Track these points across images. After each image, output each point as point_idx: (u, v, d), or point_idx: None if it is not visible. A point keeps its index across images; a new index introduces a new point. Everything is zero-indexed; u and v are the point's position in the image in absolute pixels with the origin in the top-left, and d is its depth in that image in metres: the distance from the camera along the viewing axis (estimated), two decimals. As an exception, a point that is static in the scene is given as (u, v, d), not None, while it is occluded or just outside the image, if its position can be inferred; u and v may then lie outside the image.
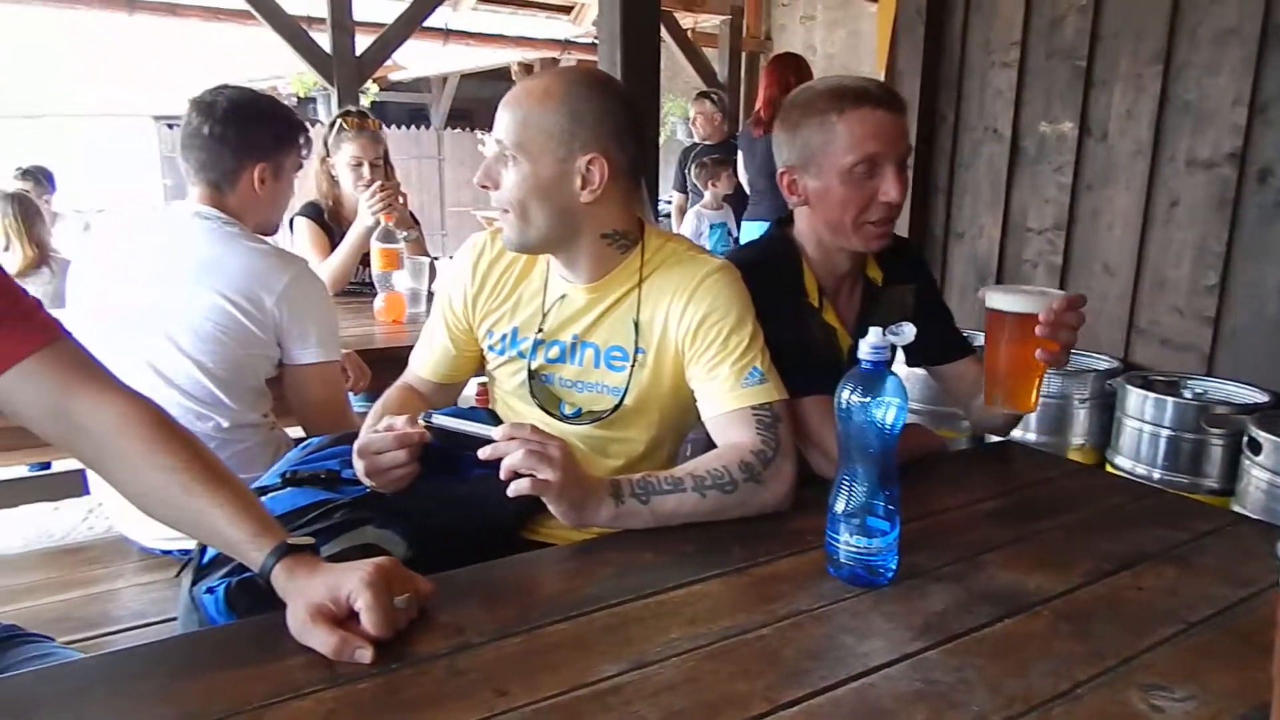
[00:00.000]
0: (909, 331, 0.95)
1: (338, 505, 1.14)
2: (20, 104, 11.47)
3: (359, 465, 1.10)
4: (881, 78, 3.60)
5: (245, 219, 1.58)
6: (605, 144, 1.14)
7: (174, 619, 1.19)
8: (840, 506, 0.94)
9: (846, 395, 0.91)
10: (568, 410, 1.27)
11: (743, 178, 4.33)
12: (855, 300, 1.42)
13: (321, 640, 0.78)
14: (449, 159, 12.34)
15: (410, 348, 1.42)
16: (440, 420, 1.07)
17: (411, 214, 2.92)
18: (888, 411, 0.90)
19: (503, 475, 0.98)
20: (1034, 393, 1.20)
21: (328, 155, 2.80)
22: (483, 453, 0.99)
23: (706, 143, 5.05)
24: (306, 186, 2.74)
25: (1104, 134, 2.88)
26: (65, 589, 1.49)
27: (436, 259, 2.72)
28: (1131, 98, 2.79)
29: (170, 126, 12.42)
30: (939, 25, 3.31)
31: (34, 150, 10.98)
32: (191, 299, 1.46)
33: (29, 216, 3.42)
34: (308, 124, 1.75)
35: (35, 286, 3.44)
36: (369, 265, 2.70)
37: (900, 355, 1.46)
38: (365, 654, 0.77)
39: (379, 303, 2.47)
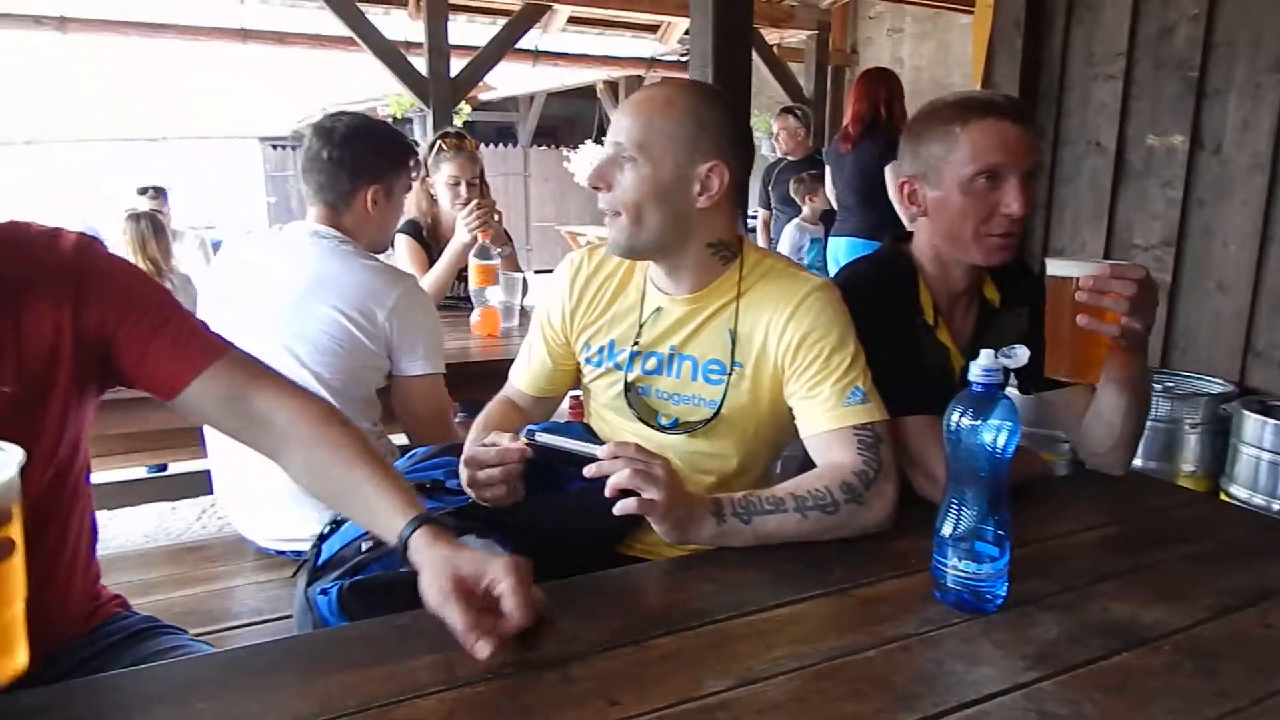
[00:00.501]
0: (1022, 355, 0.93)
1: (443, 514, 1.18)
2: (142, 128, 12.25)
3: (464, 475, 1.13)
4: (976, 91, 3.52)
5: (358, 237, 1.66)
6: (725, 153, 1.17)
7: (288, 616, 1.26)
8: (948, 530, 0.93)
9: (956, 418, 0.90)
10: (664, 421, 1.28)
11: (830, 193, 4.30)
12: (970, 320, 1.40)
13: (457, 615, 0.78)
14: (534, 175, 12.63)
15: (504, 361, 1.47)
16: (544, 439, 1.09)
17: (505, 231, 3.00)
18: (998, 435, 0.89)
19: (608, 494, 1.00)
20: (1095, 367, 1.18)
21: (427, 175, 2.91)
22: (589, 470, 1.01)
23: (790, 158, 5.03)
24: (406, 205, 2.86)
25: (1218, 147, 2.75)
26: (189, 585, 1.59)
27: (526, 276, 2.79)
28: (1248, 108, 2.66)
29: (275, 147, 13.11)
30: (1037, 38, 3.22)
31: (156, 170, 11.76)
32: (309, 313, 1.55)
33: (157, 234, 3.67)
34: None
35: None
36: (465, 280, 2.79)
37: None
38: (486, 648, 0.77)
39: (475, 317, 2.55)
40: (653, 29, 7.06)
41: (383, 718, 0.73)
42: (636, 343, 1.28)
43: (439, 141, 2.90)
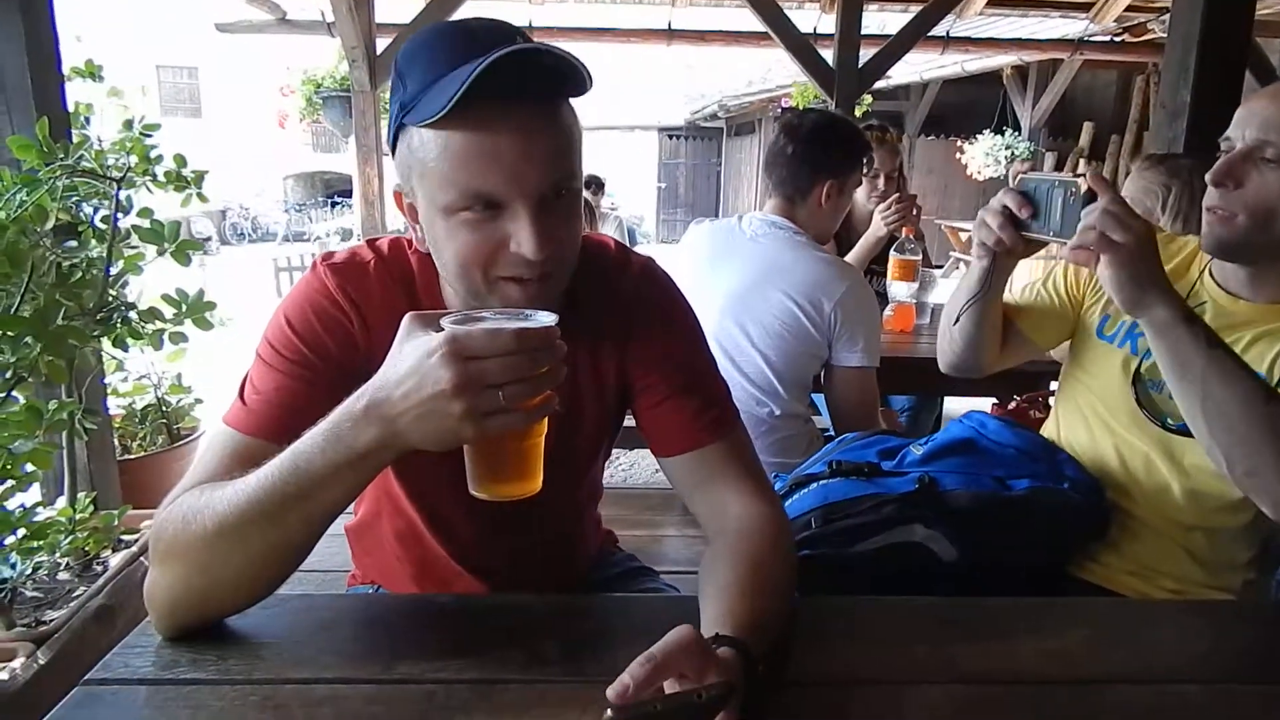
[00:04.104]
0: None
1: (888, 500, 1.20)
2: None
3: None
4: None
5: (809, 229, 1.74)
6: None
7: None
8: None
9: None
10: (1172, 424, 1.17)
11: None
12: None
13: (641, 668, 0.64)
14: (918, 167, 12.11)
15: (915, 359, 1.42)
16: (1033, 175, 1.07)
17: (920, 228, 2.93)
18: None
19: (1076, 235, 0.97)
20: None
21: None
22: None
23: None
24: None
25: None
26: (635, 527, 1.81)
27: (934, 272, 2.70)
28: None
29: (670, 137, 14.21)
30: None
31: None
32: (764, 297, 1.67)
33: (589, 214, 4.21)
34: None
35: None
36: (872, 275, 2.78)
37: None
38: (614, 694, 0.63)
39: (889, 311, 2.54)
40: (1084, 7, 6.35)
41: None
42: None
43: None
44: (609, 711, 0.61)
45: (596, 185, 5.39)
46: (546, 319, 0.72)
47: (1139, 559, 1.21)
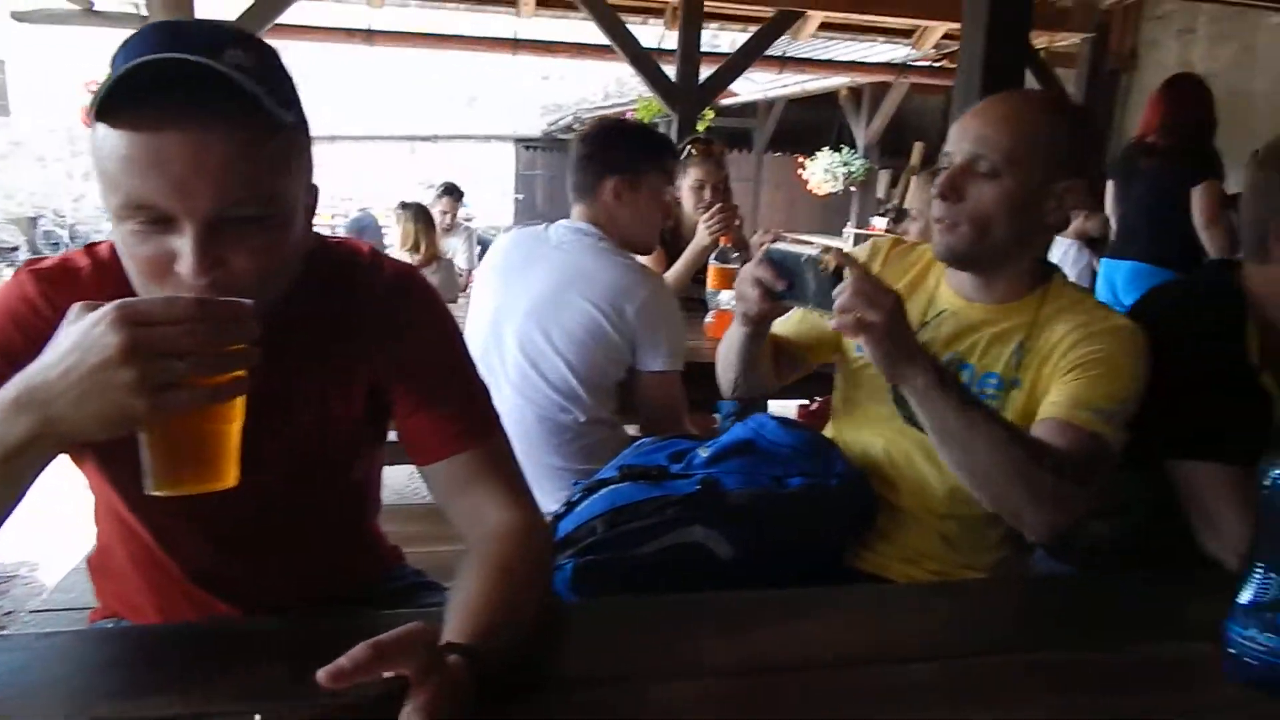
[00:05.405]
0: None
1: (671, 502, 1.22)
2: (420, 128, 13.69)
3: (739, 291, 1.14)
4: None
5: (611, 233, 1.75)
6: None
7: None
8: (1248, 598, 0.82)
9: (1275, 473, 0.79)
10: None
11: (1110, 210, 3.85)
12: None
13: (361, 653, 0.62)
14: (766, 182, 12.61)
15: None
16: (780, 247, 1.10)
17: (743, 237, 3.03)
18: (1325, 498, 0.77)
19: (834, 314, 1.00)
20: None
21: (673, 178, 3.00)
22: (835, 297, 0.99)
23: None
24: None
25: None
26: (439, 542, 1.75)
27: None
28: None
29: (527, 148, 14.13)
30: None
31: (429, 166, 13.03)
32: (567, 304, 1.66)
33: (429, 223, 4.11)
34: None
35: (427, 278, 4.16)
36: (700, 283, 2.84)
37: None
38: (325, 677, 0.60)
39: (709, 319, 2.59)
40: (907, 34, 6.80)
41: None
42: None
43: (688, 146, 2.98)
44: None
45: (456, 194, 5.32)
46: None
47: (906, 546, 1.28)
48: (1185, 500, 1.14)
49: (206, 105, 0.71)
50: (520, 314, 1.69)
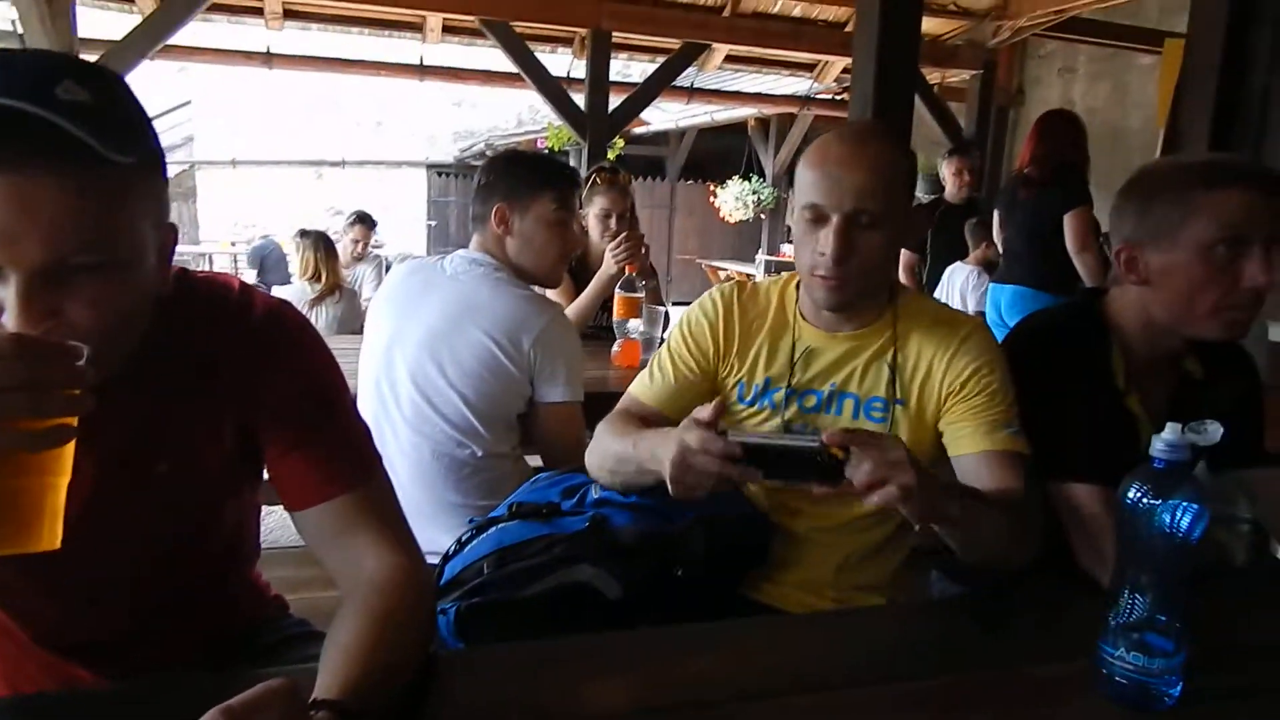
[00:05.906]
0: (1214, 432, 0.84)
1: (558, 540, 1.19)
2: (327, 153, 13.35)
3: (676, 460, 0.97)
4: (1160, 139, 3.29)
5: (508, 264, 1.73)
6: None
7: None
8: (1115, 617, 0.84)
9: (1134, 494, 0.82)
10: None
11: (996, 237, 4.09)
12: (1165, 391, 1.29)
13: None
14: (679, 209, 12.78)
15: None
16: (754, 440, 0.95)
17: (651, 265, 3.04)
18: (1181, 517, 0.80)
19: (859, 487, 0.90)
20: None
21: (579, 206, 2.99)
22: (853, 477, 0.90)
23: (950, 201, 4.84)
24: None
25: None
26: (332, 586, 1.67)
27: (668, 310, 2.81)
28: None
29: (439, 174, 13.95)
30: (1235, 80, 2.96)
31: (337, 192, 12.68)
32: (462, 336, 1.62)
33: (331, 251, 3.98)
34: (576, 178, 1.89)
35: (328, 308, 4.01)
36: (608, 311, 2.84)
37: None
38: None
39: (616, 348, 2.58)
40: (809, 68, 7.03)
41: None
42: (790, 383, 1.26)
43: (594, 175, 2.98)
44: None
45: (369, 223, 5.20)
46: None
47: (803, 574, 1.28)
48: (1062, 520, 1.18)
49: (33, 151, 0.66)
50: (413, 344, 1.64)
